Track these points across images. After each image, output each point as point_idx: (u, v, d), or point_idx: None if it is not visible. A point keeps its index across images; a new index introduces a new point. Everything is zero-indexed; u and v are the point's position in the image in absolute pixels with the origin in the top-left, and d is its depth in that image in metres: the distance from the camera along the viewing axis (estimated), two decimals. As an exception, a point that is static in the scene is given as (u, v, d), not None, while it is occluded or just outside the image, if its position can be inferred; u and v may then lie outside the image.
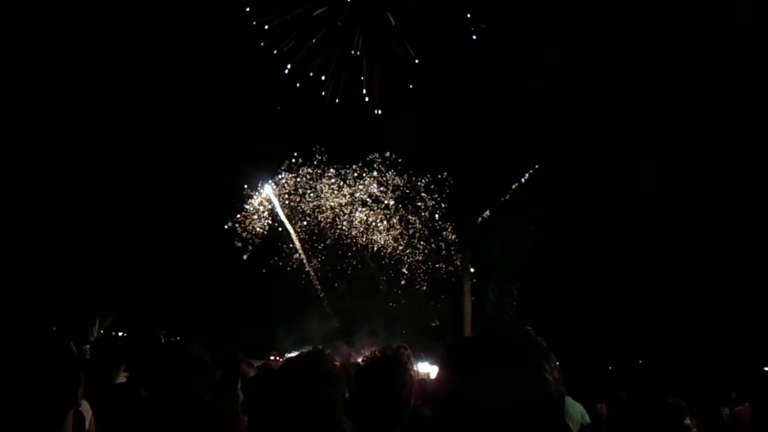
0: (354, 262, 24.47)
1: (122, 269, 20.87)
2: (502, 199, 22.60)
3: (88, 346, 5.61)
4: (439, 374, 1.55)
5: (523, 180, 22.23)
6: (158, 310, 20.38)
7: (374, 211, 23.99)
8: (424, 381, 5.21)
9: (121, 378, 4.26)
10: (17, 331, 2.00)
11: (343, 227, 24.15)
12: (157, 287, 21.15)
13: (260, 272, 22.86)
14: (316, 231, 24.41)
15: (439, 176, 23.24)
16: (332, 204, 24.10)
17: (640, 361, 23.76)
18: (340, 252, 24.29)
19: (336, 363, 2.58)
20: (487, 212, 23.00)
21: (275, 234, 24.21)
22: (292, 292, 23.04)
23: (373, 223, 24.16)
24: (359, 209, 24.09)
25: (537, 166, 21.98)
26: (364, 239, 24.17)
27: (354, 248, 24.34)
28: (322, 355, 2.32)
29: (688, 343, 20.22)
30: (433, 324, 23.45)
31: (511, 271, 22.38)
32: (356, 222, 24.06)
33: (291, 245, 24.29)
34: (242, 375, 3.85)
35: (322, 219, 24.19)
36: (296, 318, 22.31)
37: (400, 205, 23.85)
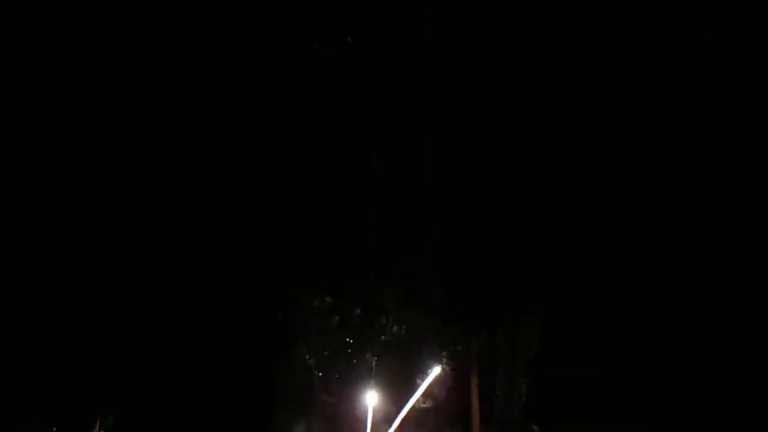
0: None
1: (123, 367, 20.69)
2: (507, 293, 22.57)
3: None
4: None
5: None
6: (160, 409, 20.12)
7: None
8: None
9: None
10: None
11: None
12: (158, 385, 20.90)
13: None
14: None
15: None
16: None
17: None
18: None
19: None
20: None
21: None
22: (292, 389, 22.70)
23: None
24: None
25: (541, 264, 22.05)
26: None
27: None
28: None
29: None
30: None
31: (518, 366, 22.09)
32: None
33: None
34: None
35: None
36: (300, 417, 21.94)
37: None
